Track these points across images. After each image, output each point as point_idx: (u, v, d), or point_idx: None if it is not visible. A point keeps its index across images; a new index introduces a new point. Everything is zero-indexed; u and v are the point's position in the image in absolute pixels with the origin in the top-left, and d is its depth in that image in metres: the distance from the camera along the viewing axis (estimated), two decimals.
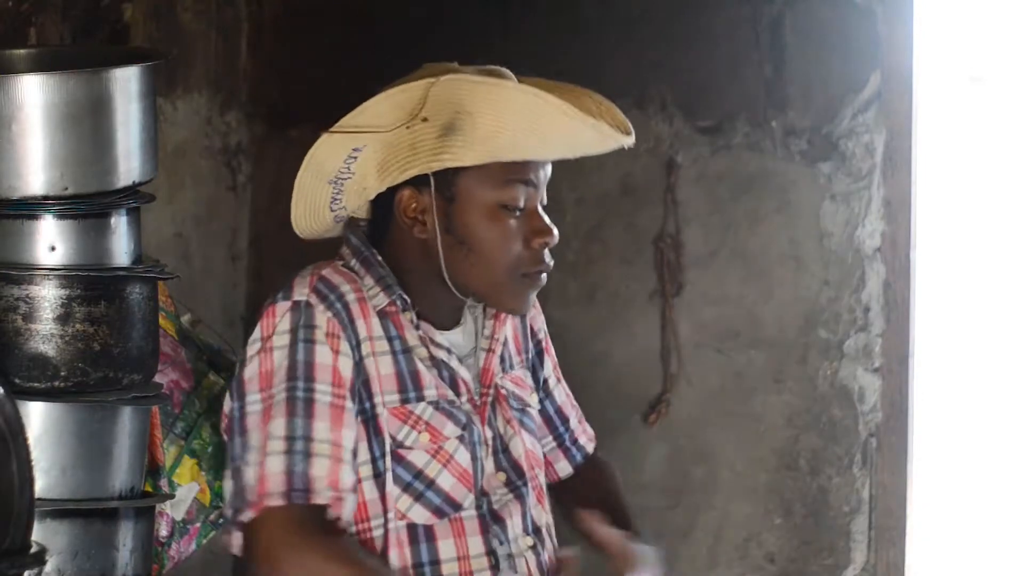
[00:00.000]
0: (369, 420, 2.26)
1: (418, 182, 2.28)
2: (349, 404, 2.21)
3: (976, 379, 3.87)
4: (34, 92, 2.64)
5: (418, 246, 2.31)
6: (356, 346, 2.24)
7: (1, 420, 2.04)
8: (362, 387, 2.25)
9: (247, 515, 2.17)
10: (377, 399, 2.25)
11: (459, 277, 2.30)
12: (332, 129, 2.29)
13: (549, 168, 2.34)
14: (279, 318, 2.23)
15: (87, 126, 2.68)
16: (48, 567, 2.60)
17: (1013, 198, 3.80)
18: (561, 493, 2.57)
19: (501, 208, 2.28)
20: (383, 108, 2.27)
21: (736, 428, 3.80)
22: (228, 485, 2.24)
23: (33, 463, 2.07)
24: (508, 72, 2.31)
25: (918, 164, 3.66)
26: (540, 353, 2.55)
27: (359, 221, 2.40)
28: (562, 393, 2.59)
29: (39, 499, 2.36)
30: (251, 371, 2.23)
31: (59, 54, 2.98)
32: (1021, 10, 3.70)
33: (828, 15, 3.69)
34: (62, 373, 2.69)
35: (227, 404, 2.28)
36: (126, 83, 2.72)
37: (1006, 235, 3.82)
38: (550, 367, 2.57)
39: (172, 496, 3.00)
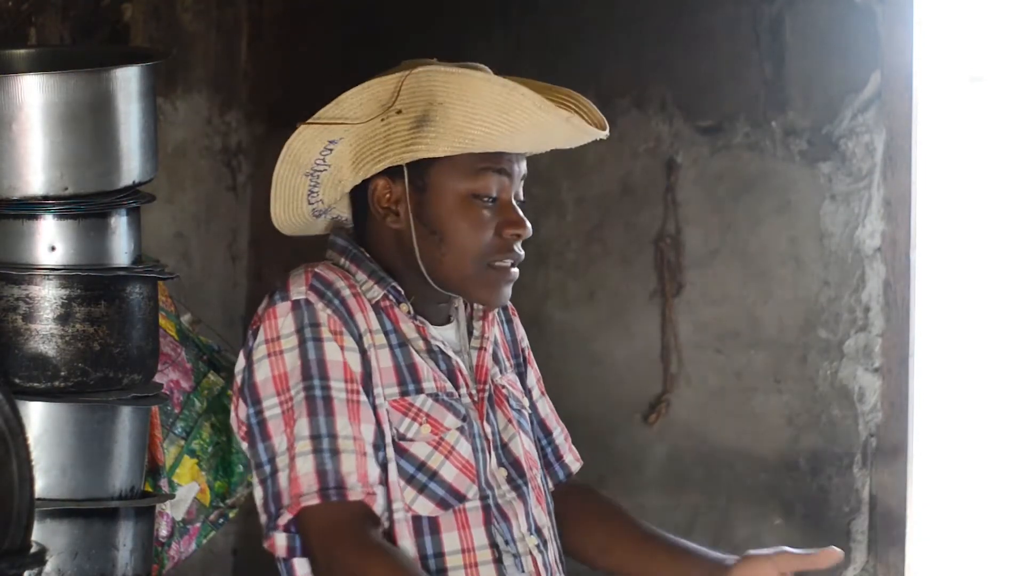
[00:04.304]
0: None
1: (392, 173, 2.30)
2: (363, 398, 2.23)
3: (976, 379, 3.86)
4: (34, 92, 2.64)
5: (393, 238, 2.32)
6: (359, 339, 2.25)
7: (1, 420, 2.04)
8: (366, 380, 2.25)
9: (285, 517, 2.19)
10: (378, 391, 2.26)
11: (432, 267, 2.31)
12: (309, 120, 2.30)
13: (524, 164, 2.35)
14: (282, 319, 2.24)
15: (87, 126, 2.68)
16: (48, 567, 2.61)
17: (1013, 198, 3.80)
18: (569, 529, 2.51)
19: (473, 198, 2.29)
20: (359, 100, 2.28)
21: (736, 428, 3.79)
22: (258, 491, 2.25)
23: (33, 463, 2.07)
24: (486, 68, 2.31)
25: (918, 164, 3.65)
26: (524, 363, 2.56)
27: (344, 224, 2.41)
28: (545, 407, 2.58)
29: (39, 499, 2.36)
30: (263, 375, 2.24)
31: (59, 54, 2.98)
32: (1021, 10, 3.70)
33: (828, 15, 3.68)
34: (62, 373, 2.68)
35: (241, 410, 2.27)
36: (126, 83, 2.72)
37: (1006, 235, 3.81)
38: (533, 379, 2.58)
39: (172, 496, 3.00)
